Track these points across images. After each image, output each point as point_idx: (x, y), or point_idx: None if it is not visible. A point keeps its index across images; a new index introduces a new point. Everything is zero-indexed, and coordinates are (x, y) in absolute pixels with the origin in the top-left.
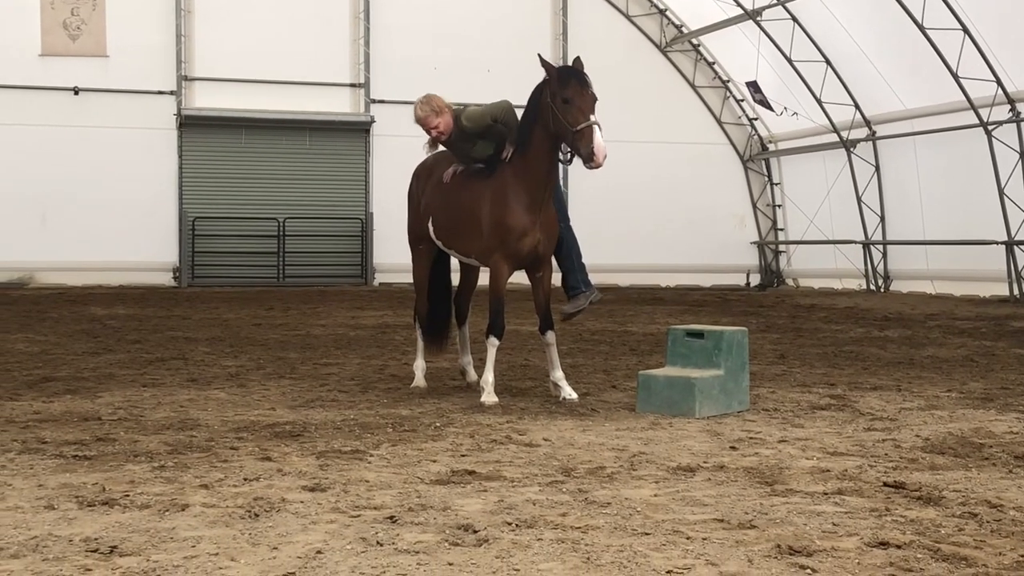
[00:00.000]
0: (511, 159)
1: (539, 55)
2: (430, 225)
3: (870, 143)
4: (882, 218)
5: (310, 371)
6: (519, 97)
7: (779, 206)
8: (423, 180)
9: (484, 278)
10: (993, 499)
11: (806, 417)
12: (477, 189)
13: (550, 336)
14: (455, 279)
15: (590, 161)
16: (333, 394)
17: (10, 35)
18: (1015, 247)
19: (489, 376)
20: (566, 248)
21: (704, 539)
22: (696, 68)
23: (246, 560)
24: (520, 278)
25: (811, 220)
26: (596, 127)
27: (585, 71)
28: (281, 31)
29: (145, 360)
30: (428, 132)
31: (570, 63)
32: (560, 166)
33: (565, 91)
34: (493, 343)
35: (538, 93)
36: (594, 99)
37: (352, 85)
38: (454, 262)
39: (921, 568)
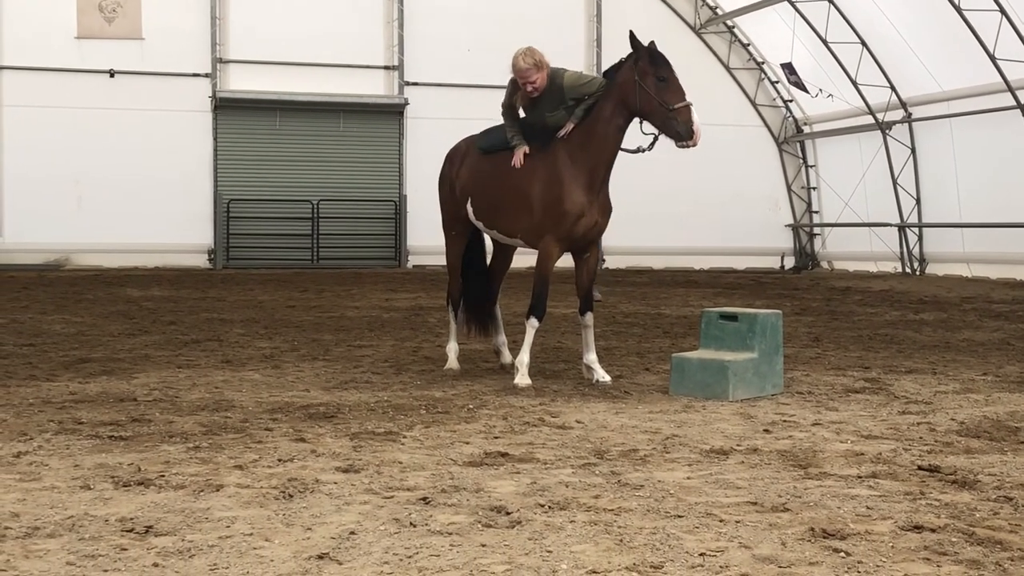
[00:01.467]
0: (568, 137)
1: (631, 31)
2: (469, 207)
3: (906, 125)
4: (918, 201)
5: (344, 353)
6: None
7: (814, 188)
8: (457, 163)
9: (519, 260)
10: None
11: (840, 400)
12: (526, 167)
13: (589, 318)
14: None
15: (688, 139)
16: (367, 376)
17: (46, 18)
18: None
19: (525, 357)
20: None
21: (737, 522)
22: (731, 50)
23: (280, 540)
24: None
25: (846, 203)
26: (693, 107)
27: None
28: (315, 13)
29: (180, 341)
30: (524, 85)
31: (646, 44)
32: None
33: (659, 70)
34: (533, 324)
35: (615, 71)
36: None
37: (386, 67)
38: (487, 244)
39: (956, 552)
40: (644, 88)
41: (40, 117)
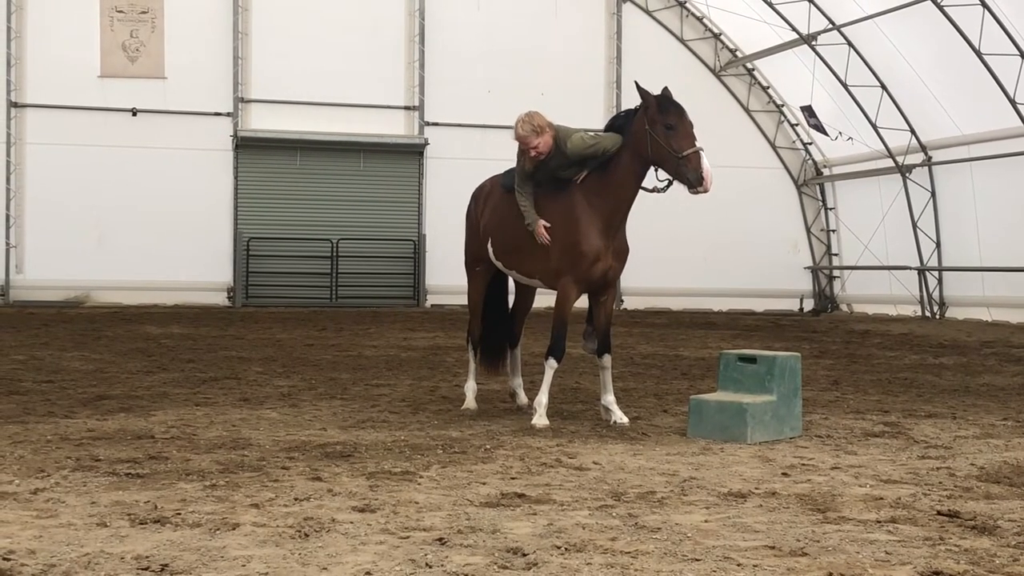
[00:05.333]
0: (585, 181)
1: (636, 82)
2: (489, 246)
3: (926, 168)
4: (938, 244)
5: (361, 392)
6: (572, 119)
7: (833, 231)
8: (482, 202)
9: (539, 300)
10: None
11: (859, 444)
12: (542, 209)
13: (607, 359)
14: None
15: (699, 186)
16: (384, 415)
17: (70, 57)
18: None
19: (543, 398)
20: None
21: (755, 566)
22: (750, 92)
23: None
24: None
25: (866, 245)
26: (702, 152)
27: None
28: (336, 54)
29: (198, 379)
30: (527, 151)
31: (657, 91)
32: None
33: (667, 118)
34: (552, 365)
35: (627, 119)
36: (692, 125)
37: (407, 108)
38: (510, 284)
39: None
40: (654, 137)
41: (63, 155)
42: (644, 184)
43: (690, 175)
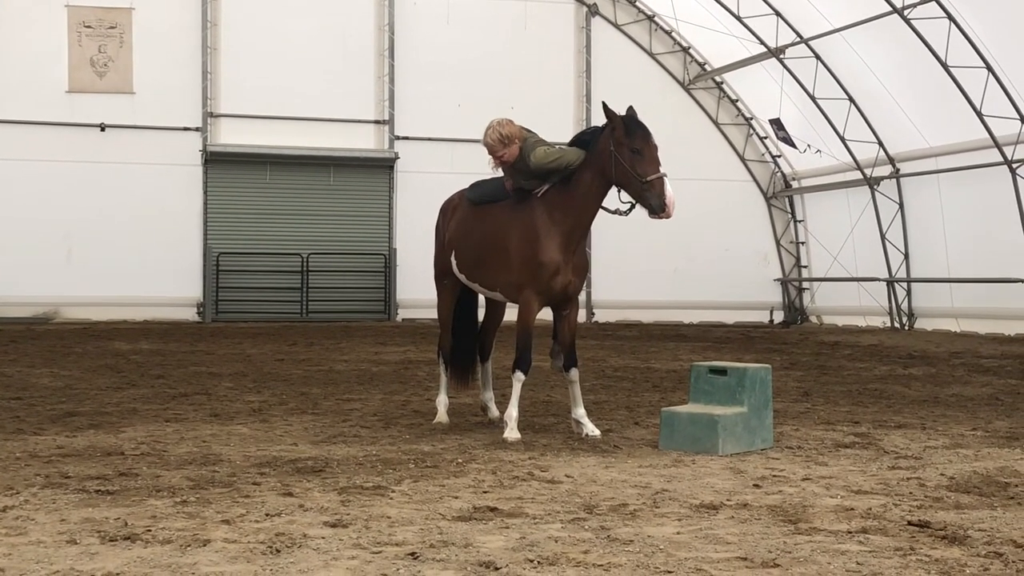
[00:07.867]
0: (546, 195)
1: (604, 103)
2: (453, 259)
3: (894, 181)
4: (906, 256)
5: (332, 406)
6: (542, 132)
7: (803, 243)
8: (449, 216)
9: (510, 314)
10: (1019, 539)
11: (830, 455)
12: (504, 222)
13: (574, 373)
14: (481, 315)
15: (660, 212)
16: (355, 430)
17: (38, 72)
18: None
19: (513, 411)
20: None
21: None
22: (719, 105)
23: None
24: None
25: (835, 257)
26: (666, 178)
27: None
28: (306, 68)
29: (168, 395)
30: (493, 158)
31: (619, 110)
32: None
33: (633, 141)
34: (519, 378)
35: (593, 136)
36: (657, 149)
37: (377, 122)
38: (480, 298)
39: None
40: (619, 159)
41: (31, 170)
42: (606, 205)
43: (653, 201)
